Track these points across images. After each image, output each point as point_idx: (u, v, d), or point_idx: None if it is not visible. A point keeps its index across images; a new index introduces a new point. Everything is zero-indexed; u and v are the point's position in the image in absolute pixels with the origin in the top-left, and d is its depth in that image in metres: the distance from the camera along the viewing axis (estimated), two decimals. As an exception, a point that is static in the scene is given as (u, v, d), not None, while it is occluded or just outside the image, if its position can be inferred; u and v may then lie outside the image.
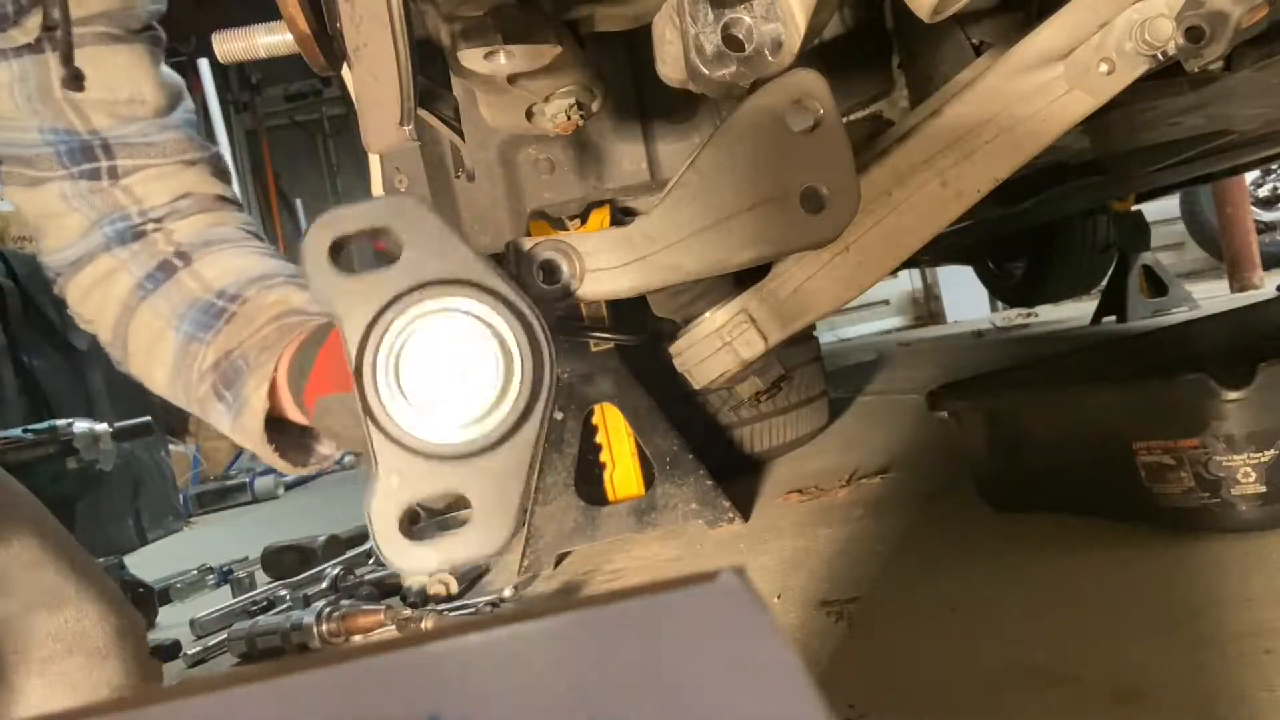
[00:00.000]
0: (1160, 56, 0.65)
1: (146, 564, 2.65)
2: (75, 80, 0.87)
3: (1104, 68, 0.62)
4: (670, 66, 0.76)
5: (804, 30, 0.63)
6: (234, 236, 0.98)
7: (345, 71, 0.71)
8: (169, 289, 0.93)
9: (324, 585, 1.85)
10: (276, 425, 0.88)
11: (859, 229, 0.62)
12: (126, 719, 0.21)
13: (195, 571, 2.39)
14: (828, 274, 0.63)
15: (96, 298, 0.95)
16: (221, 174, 1.00)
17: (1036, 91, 0.63)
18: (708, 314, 0.69)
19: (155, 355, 0.93)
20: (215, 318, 0.91)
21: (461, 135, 0.90)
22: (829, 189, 0.58)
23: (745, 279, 0.69)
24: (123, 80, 0.92)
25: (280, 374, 0.85)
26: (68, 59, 0.86)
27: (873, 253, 0.63)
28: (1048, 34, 0.63)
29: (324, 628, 1.50)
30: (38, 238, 0.97)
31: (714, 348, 0.64)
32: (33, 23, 0.88)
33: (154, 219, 0.94)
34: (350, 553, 2.11)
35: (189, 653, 1.67)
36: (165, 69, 0.98)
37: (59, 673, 0.90)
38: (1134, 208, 3.71)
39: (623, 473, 1.81)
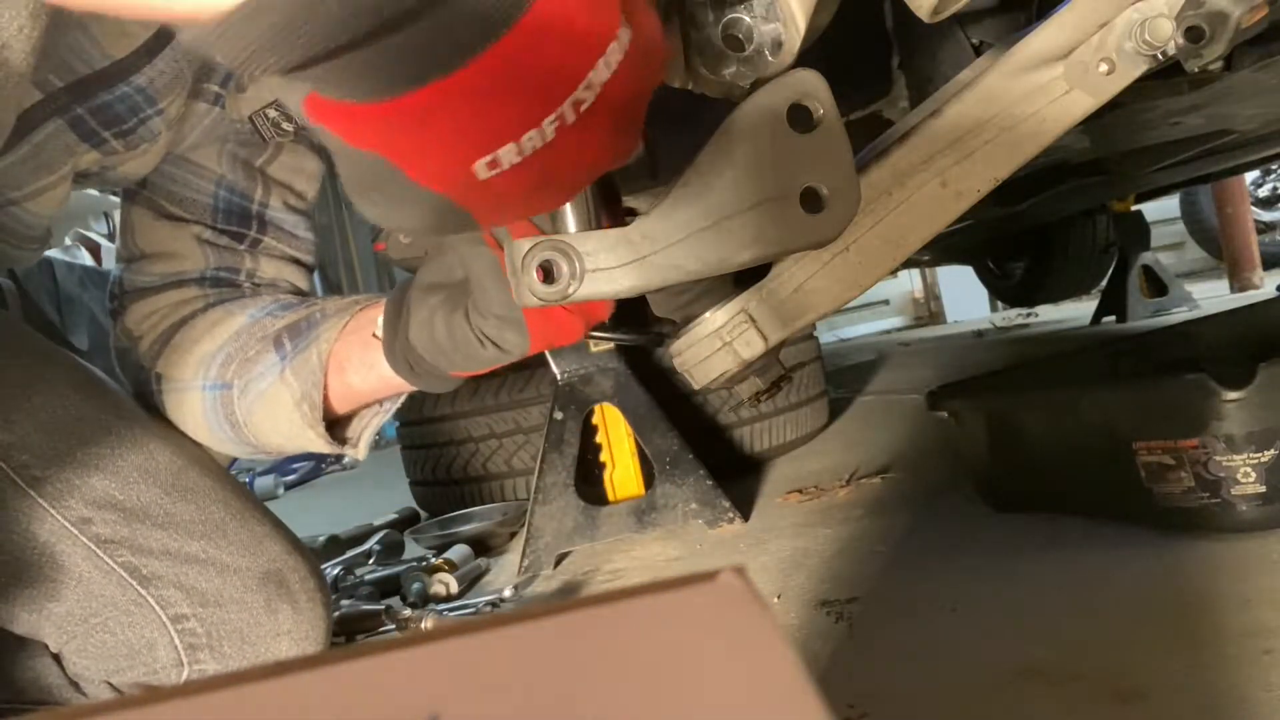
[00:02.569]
0: (1160, 56, 0.65)
1: (146, 564, 2.64)
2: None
3: (1104, 68, 0.62)
4: (670, 67, 0.76)
5: (804, 30, 0.63)
6: None
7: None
8: (244, 299, 0.99)
9: (324, 585, 1.85)
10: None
11: (859, 229, 0.62)
12: (127, 719, 0.21)
13: (195, 571, 2.38)
14: (828, 274, 0.63)
15: (158, 317, 0.99)
16: (310, 276, 1.09)
17: (1036, 91, 0.63)
18: (707, 314, 0.69)
19: (210, 337, 0.95)
20: (292, 306, 0.96)
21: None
22: (829, 189, 0.58)
23: (745, 279, 0.69)
24: (302, 177, 1.04)
25: (354, 324, 0.88)
26: None
27: (873, 253, 0.63)
28: (1047, 34, 0.63)
29: (324, 628, 1.49)
30: (131, 253, 1.01)
31: (714, 348, 0.64)
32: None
33: (252, 284, 1.02)
34: (350, 553, 2.11)
35: (189, 653, 1.66)
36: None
37: (286, 609, 0.94)
38: (1134, 208, 3.71)
39: (623, 473, 1.81)
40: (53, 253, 4.49)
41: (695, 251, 0.59)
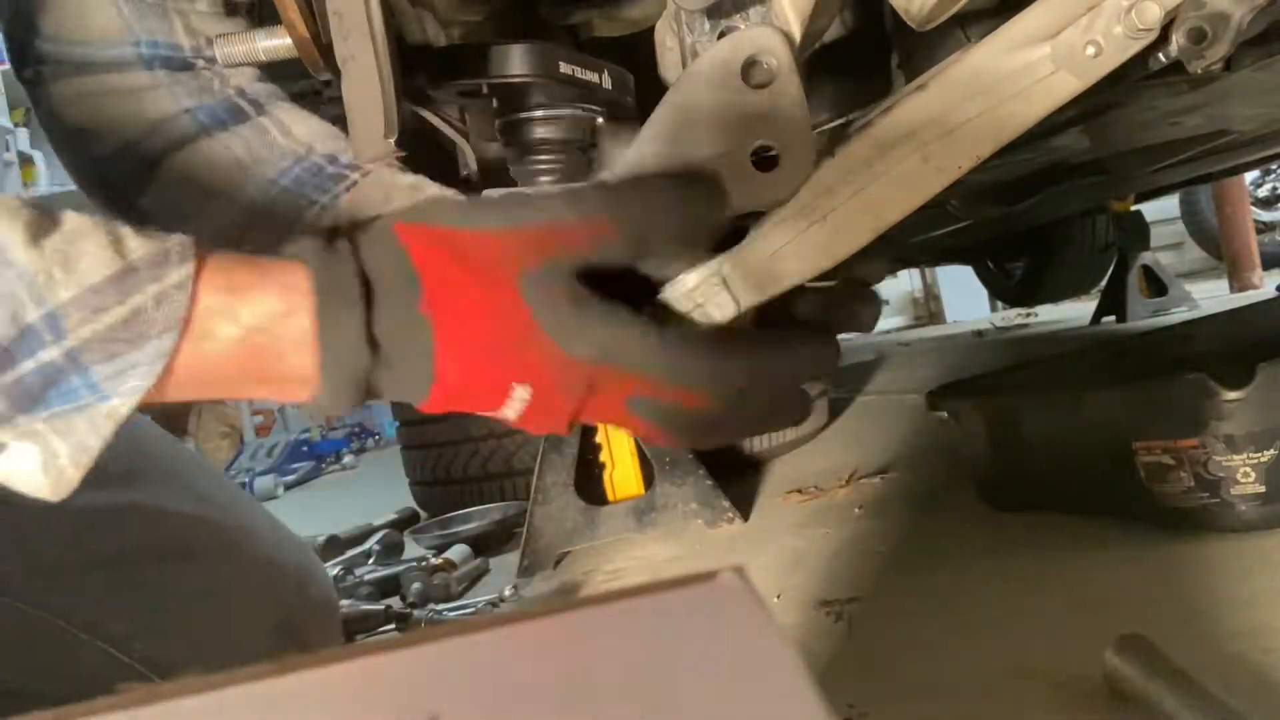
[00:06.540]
0: (1163, 56, 0.65)
1: (147, 564, 2.64)
2: None
3: (1091, 50, 0.62)
4: (670, 72, 0.76)
5: (800, 39, 0.63)
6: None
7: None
8: (246, 132, 0.79)
9: (324, 585, 1.85)
10: None
11: (838, 197, 0.62)
12: (126, 718, 0.21)
13: (195, 572, 2.38)
14: (804, 241, 0.62)
15: (113, 106, 0.79)
16: None
17: (1022, 71, 0.63)
18: (680, 275, 0.68)
19: (228, 191, 0.78)
20: (332, 182, 0.77)
21: (466, 135, 0.90)
22: (781, 146, 0.58)
23: (723, 241, 0.69)
24: None
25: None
26: None
27: (850, 223, 0.62)
28: (1036, 15, 0.63)
29: (324, 628, 1.49)
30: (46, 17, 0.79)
31: (685, 309, 0.64)
32: None
33: (206, 57, 0.80)
34: (350, 553, 2.11)
35: (189, 653, 1.66)
36: None
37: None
38: (1134, 208, 3.71)
39: (622, 473, 1.81)
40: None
41: None
